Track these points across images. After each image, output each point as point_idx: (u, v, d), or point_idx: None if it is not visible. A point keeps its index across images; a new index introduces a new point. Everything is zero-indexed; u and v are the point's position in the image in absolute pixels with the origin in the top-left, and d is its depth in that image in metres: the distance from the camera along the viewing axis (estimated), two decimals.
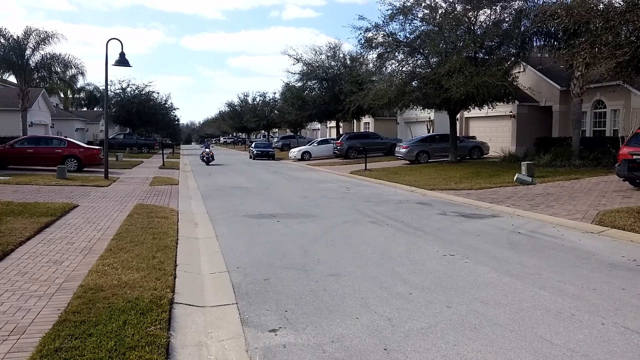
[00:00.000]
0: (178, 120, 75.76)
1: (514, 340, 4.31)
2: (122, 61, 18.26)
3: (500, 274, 6.38)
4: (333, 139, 38.20)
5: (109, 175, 18.56)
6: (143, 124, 52.17)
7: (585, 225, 9.52)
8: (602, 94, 23.05)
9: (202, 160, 31.64)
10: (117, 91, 49.74)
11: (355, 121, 43.52)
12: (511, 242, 8.27)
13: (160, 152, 32.96)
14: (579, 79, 20.15)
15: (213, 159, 31.57)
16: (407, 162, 26.85)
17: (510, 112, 27.18)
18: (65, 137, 26.20)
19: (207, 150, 31.83)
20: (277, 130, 73.91)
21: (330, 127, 52.60)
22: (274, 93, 65.60)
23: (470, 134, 30.91)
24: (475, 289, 5.76)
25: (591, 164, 19.14)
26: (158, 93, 54.93)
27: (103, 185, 16.07)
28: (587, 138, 22.86)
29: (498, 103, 23.75)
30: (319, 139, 42.36)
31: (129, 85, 50.32)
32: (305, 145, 38.68)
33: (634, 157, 12.49)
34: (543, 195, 13.36)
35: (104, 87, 19.65)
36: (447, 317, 4.88)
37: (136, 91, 50.36)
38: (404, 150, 27.09)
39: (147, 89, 51.06)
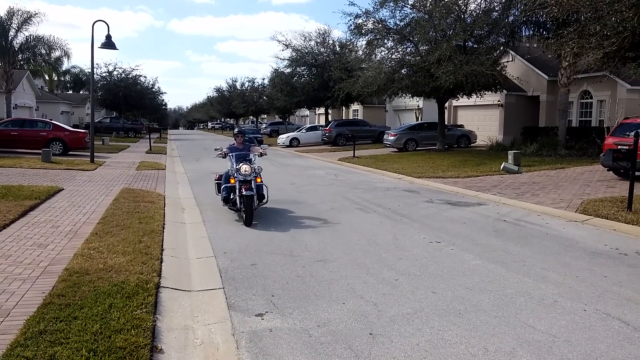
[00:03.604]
0: (165, 104, 74.87)
1: (497, 326, 4.38)
2: (109, 44, 17.97)
3: (485, 261, 6.45)
4: (322, 126, 38.09)
5: (94, 159, 18.35)
6: (130, 108, 51.52)
7: (570, 214, 9.65)
8: (589, 85, 23.25)
9: (230, 203, 9.04)
10: (104, 74, 49.00)
11: (344, 108, 43.43)
12: (496, 230, 8.35)
13: (147, 136, 32.60)
14: (566, 69, 20.28)
15: (265, 199, 9.01)
16: (395, 149, 26.91)
17: (498, 101, 27.31)
18: (51, 120, 25.80)
19: (245, 168, 8.74)
20: (265, 116, 73.56)
21: (319, 113, 52.44)
22: (263, 79, 65.28)
23: (458, 123, 31.06)
24: (460, 275, 5.82)
25: (577, 154, 19.36)
26: (145, 77, 54.37)
27: (89, 169, 15.88)
28: (573, 128, 23.10)
29: (486, 92, 23.85)
30: (308, 126, 42.23)
31: (115, 68, 49.61)
32: (293, 132, 38.54)
33: (619, 147, 12.64)
34: (529, 184, 13.49)
35: (90, 70, 19.35)
36: (433, 303, 4.93)
37: (123, 75, 49.65)
38: (392, 138, 27.14)
39: (134, 73, 50.38)
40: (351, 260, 6.43)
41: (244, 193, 8.37)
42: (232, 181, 8.84)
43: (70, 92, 67.91)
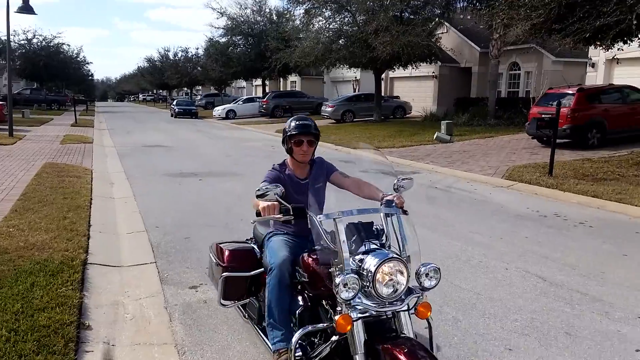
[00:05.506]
0: (92, 75, 70.70)
1: None
2: (26, 8, 16.58)
3: (417, 226, 6.62)
4: (259, 98, 37.49)
5: (14, 133, 17.12)
6: (52, 78, 48.18)
7: (496, 180, 10.14)
8: (518, 56, 24.23)
9: None
10: (22, 42, 45.39)
11: (281, 80, 42.87)
12: (429, 197, 8.64)
13: (73, 109, 30.80)
14: (497, 40, 20.94)
15: None
16: (333, 121, 27.02)
17: (433, 72, 27.93)
18: None
19: (393, 273, 2.35)
20: (200, 88, 71.34)
21: (256, 85, 51.51)
22: (197, 49, 62.94)
23: (394, 94, 31.54)
24: None
25: (505, 123, 20.25)
26: (69, 45, 50.71)
27: (7, 143, 14.81)
28: (503, 99, 24.09)
29: (422, 63, 24.27)
30: (245, 97, 41.42)
31: (35, 36, 46.02)
32: (230, 104, 37.72)
33: (543, 116, 13.34)
34: (460, 152, 14.01)
35: (5, 37, 17.83)
36: None
37: (44, 42, 46.19)
38: (329, 109, 27.20)
39: (55, 41, 46.96)
40: None
41: None
42: (345, 326, 2.31)
43: None
